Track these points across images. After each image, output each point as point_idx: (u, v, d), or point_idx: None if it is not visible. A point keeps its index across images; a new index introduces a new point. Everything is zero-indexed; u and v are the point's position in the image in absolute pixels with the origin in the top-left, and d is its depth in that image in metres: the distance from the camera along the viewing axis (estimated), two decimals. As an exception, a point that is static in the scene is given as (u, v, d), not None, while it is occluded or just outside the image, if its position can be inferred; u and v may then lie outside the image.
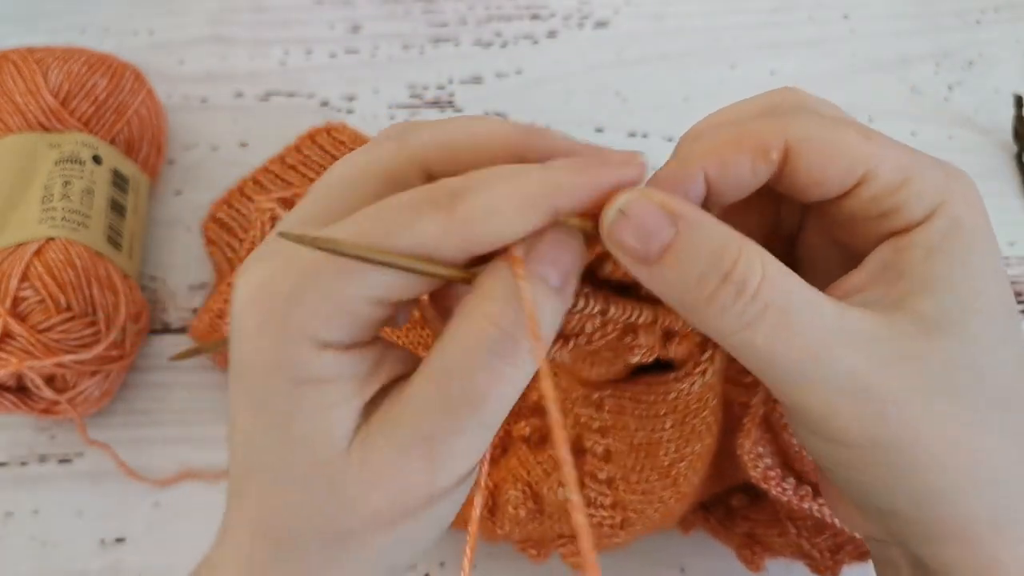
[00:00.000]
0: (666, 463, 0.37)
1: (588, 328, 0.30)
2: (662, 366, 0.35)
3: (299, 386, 0.27)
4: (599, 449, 0.38)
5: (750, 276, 0.26)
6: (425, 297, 0.30)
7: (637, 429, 0.36)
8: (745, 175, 0.28)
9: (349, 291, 0.26)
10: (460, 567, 0.48)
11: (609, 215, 0.27)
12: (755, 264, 0.26)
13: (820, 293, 0.27)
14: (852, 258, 0.30)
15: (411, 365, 0.29)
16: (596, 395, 0.37)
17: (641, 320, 0.30)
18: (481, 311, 0.26)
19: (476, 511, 0.29)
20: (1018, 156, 0.60)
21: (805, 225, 0.33)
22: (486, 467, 0.30)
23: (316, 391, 0.27)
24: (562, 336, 0.31)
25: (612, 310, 0.29)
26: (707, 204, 0.29)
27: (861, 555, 0.42)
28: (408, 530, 0.28)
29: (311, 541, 0.28)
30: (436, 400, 0.27)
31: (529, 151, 0.29)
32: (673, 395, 0.35)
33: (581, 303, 0.29)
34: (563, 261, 0.27)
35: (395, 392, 0.28)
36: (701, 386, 0.34)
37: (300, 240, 0.26)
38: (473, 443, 0.28)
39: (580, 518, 0.23)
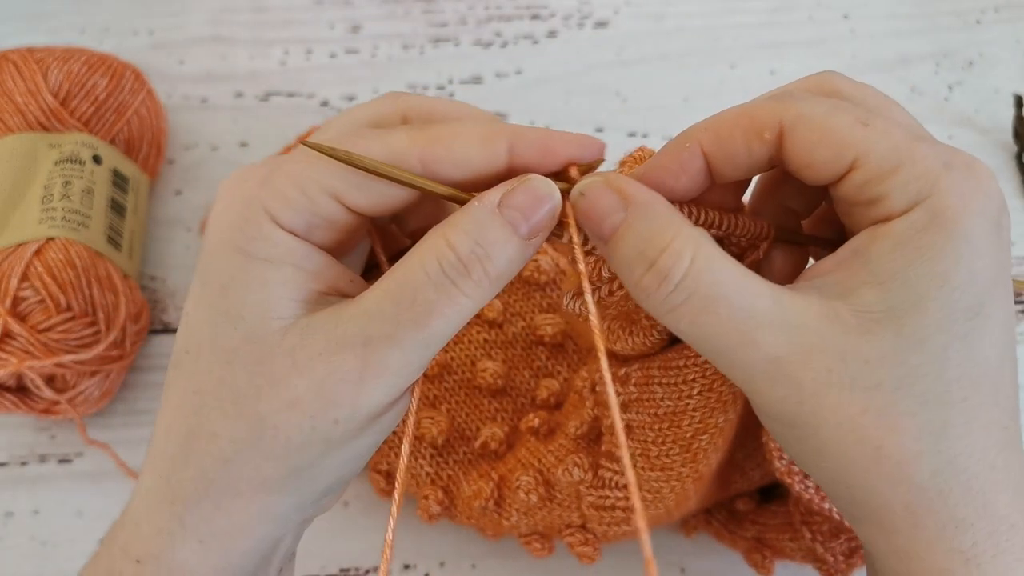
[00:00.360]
0: (689, 434, 0.37)
1: (605, 273, 0.31)
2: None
3: (246, 259, 0.28)
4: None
5: (675, 266, 0.27)
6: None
7: (663, 398, 0.37)
8: (740, 153, 0.29)
9: (308, 174, 0.29)
10: (460, 567, 0.49)
11: (573, 194, 0.30)
12: (684, 254, 0.27)
13: (760, 282, 0.28)
14: None
15: (361, 289, 0.30)
16: (623, 371, 0.37)
17: None
18: (443, 235, 0.28)
19: (405, 450, 0.30)
20: (1018, 156, 0.60)
21: None
22: (415, 400, 0.31)
23: (259, 266, 0.28)
24: (583, 290, 0.32)
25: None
26: (712, 179, 0.30)
27: None
28: (323, 439, 0.28)
29: (223, 426, 0.28)
30: (385, 307, 0.28)
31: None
32: (703, 359, 0.35)
33: (575, 246, 0.30)
34: (535, 213, 0.29)
35: (345, 302, 0.29)
36: None
37: (319, 148, 0.28)
38: (408, 360, 0.28)
39: (632, 482, 0.25)
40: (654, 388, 0.37)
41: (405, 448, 0.30)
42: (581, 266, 0.30)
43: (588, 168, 0.31)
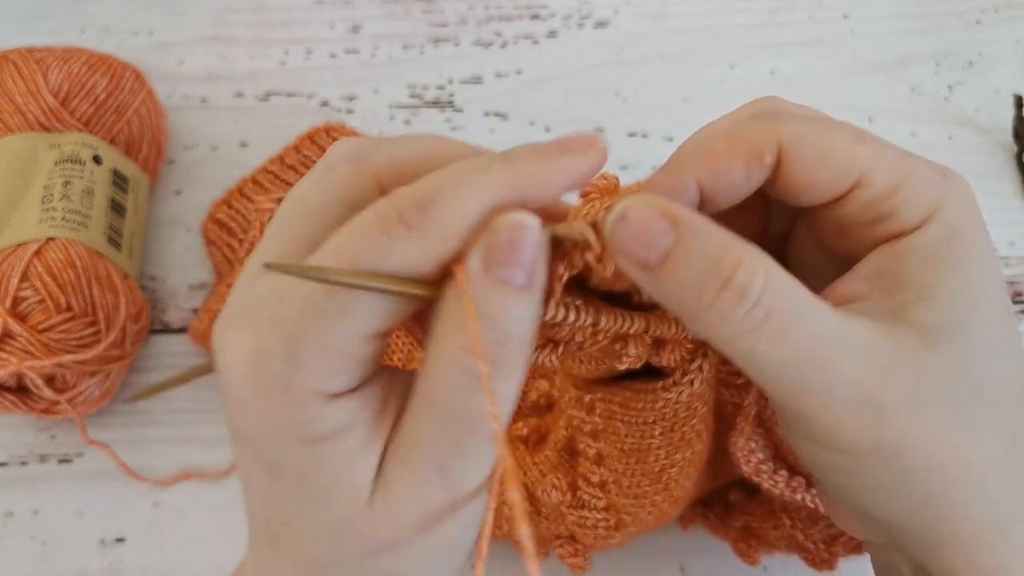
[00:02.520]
0: (656, 469, 0.37)
1: (579, 338, 0.30)
2: (652, 371, 0.35)
3: (314, 445, 0.26)
4: (591, 452, 0.38)
5: (751, 282, 0.25)
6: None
7: (627, 435, 0.36)
8: (739, 180, 0.28)
9: (342, 334, 0.25)
10: (460, 567, 0.48)
11: (610, 220, 0.26)
12: (757, 270, 0.25)
13: (822, 301, 0.27)
14: (842, 263, 0.29)
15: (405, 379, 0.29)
16: (588, 397, 0.37)
17: (632, 330, 0.30)
18: (454, 343, 0.25)
19: (489, 516, 0.29)
20: (1018, 156, 0.60)
21: (795, 229, 0.33)
22: (498, 475, 0.30)
23: (332, 446, 0.26)
24: (551, 342, 0.30)
25: (603, 321, 0.29)
26: (700, 210, 0.28)
27: (856, 547, 0.42)
28: (433, 538, 0.28)
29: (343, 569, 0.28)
30: (435, 431, 0.26)
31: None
32: (661, 404, 0.34)
33: (572, 315, 0.28)
34: (523, 255, 0.25)
35: (392, 436, 0.27)
36: (689, 396, 0.34)
37: (287, 270, 0.25)
38: (482, 457, 0.27)
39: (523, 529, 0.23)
40: (617, 424, 0.36)
41: (488, 519, 0.28)
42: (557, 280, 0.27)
43: (604, 182, 0.28)
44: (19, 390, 0.49)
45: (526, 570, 0.22)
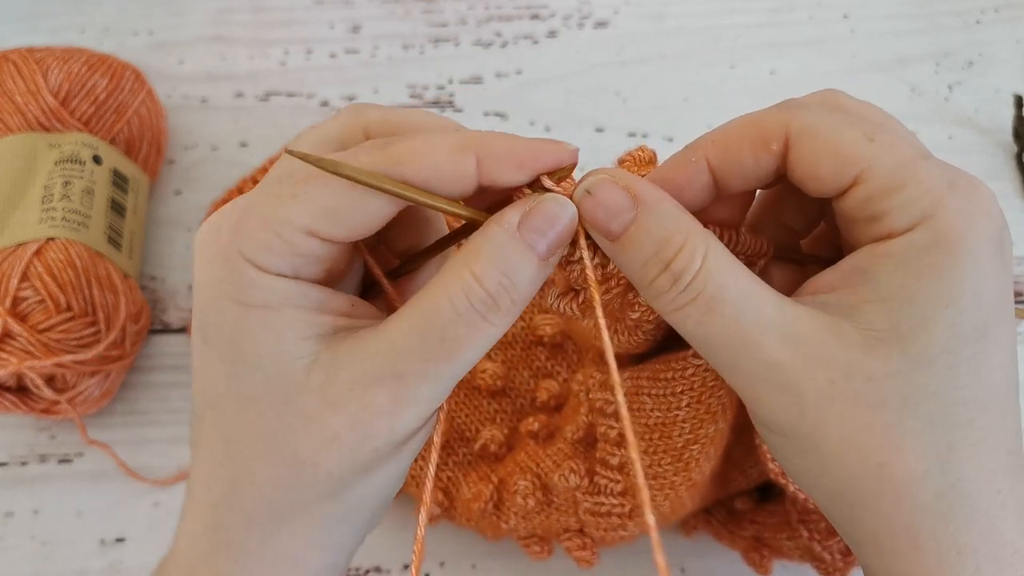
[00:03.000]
0: (679, 444, 0.37)
1: (602, 295, 0.31)
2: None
3: (244, 308, 0.28)
4: (612, 434, 0.39)
5: (688, 266, 0.27)
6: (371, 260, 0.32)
7: (653, 409, 0.37)
8: (747, 164, 0.29)
9: (279, 215, 0.28)
10: (460, 567, 0.49)
11: (578, 192, 0.29)
12: (696, 255, 0.28)
13: (765, 288, 0.28)
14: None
15: (365, 309, 0.30)
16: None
17: None
18: (468, 268, 0.28)
19: (431, 470, 0.30)
20: (1018, 156, 0.60)
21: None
22: (442, 421, 0.31)
23: (264, 313, 0.28)
24: (572, 290, 0.32)
25: (611, 264, 0.30)
26: (717, 192, 0.30)
27: None
28: (363, 467, 0.28)
29: (265, 471, 0.28)
30: (414, 342, 0.28)
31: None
32: (691, 371, 0.35)
33: (582, 254, 0.30)
34: (552, 232, 0.28)
35: (367, 331, 0.29)
36: None
37: (304, 158, 0.27)
38: (438, 390, 0.28)
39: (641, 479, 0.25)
40: (643, 399, 0.37)
41: (433, 458, 0.30)
42: (590, 272, 0.30)
43: (561, 175, 0.30)
44: (19, 390, 0.49)
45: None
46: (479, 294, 0.27)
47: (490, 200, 0.30)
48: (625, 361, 0.38)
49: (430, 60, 0.64)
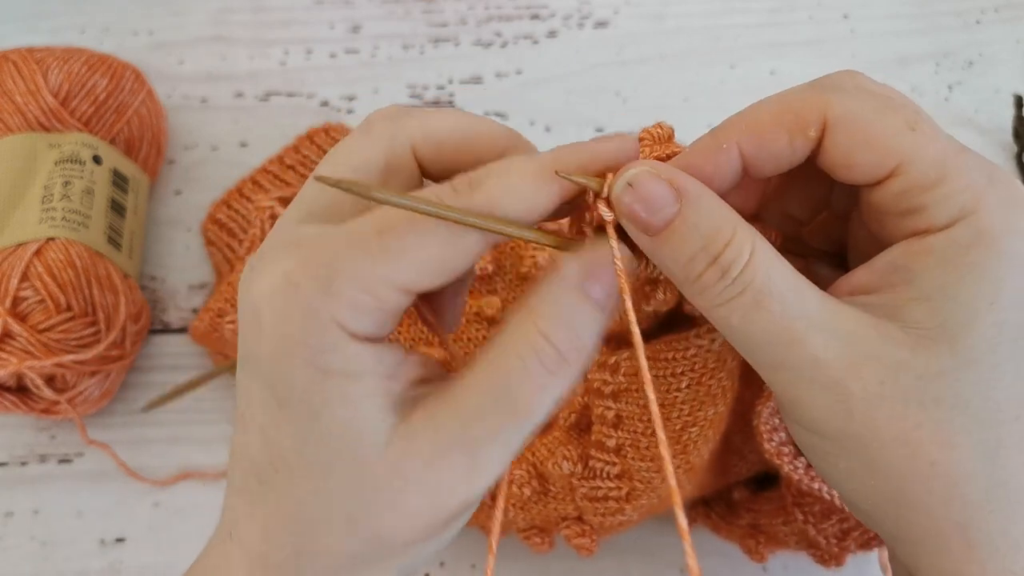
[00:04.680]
0: (678, 427, 0.37)
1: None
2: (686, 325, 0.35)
3: (324, 376, 0.26)
4: (609, 415, 0.38)
5: (736, 259, 0.27)
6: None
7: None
8: (782, 150, 0.28)
9: (377, 274, 0.26)
10: (460, 567, 0.49)
11: (618, 185, 0.28)
12: (744, 248, 0.27)
13: (810, 285, 0.27)
14: (882, 248, 0.29)
15: (430, 368, 0.29)
16: (613, 359, 0.37)
17: (663, 276, 0.31)
18: (536, 326, 0.27)
19: (498, 515, 0.29)
20: (1018, 156, 0.60)
21: (856, 206, 0.32)
22: (507, 476, 0.30)
23: (347, 383, 0.26)
24: None
25: (638, 265, 0.30)
26: (745, 177, 0.29)
27: (867, 542, 0.41)
28: (437, 534, 0.28)
29: (338, 545, 0.27)
30: (486, 407, 0.27)
31: (515, 151, 0.29)
32: (692, 352, 0.35)
33: (613, 248, 0.29)
34: (609, 281, 0.27)
35: (436, 394, 0.27)
36: (721, 344, 0.34)
37: (338, 185, 0.25)
38: (510, 450, 0.28)
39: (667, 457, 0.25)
40: (642, 379, 0.36)
41: (500, 504, 0.29)
42: (619, 265, 0.28)
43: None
44: (19, 390, 0.49)
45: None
46: (551, 355, 0.26)
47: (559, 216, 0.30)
48: (624, 341, 0.38)
49: (430, 60, 0.64)
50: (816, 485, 0.38)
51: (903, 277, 0.27)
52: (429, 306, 0.31)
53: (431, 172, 0.30)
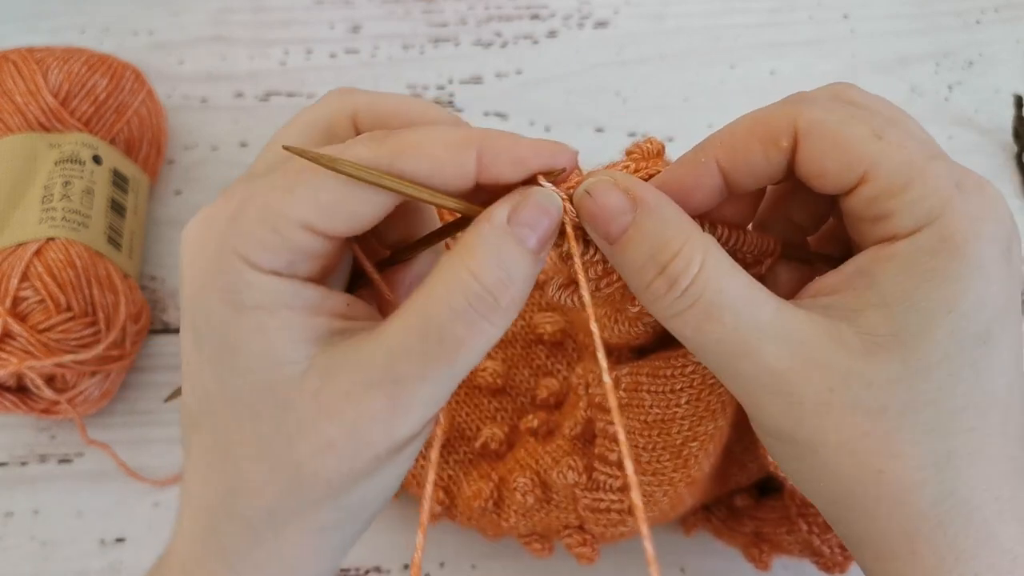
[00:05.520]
0: (678, 442, 0.37)
1: (592, 274, 0.31)
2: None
3: (239, 311, 0.27)
4: (611, 429, 0.39)
5: (685, 271, 0.27)
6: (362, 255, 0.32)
7: (652, 405, 0.36)
8: (758, 163, 0.29)
9: (277, 209, 0.27)
10: (460, 568, 0.48)
11: (577, 194, 0.29)
12: (694, 260, 0.27)
13: (764, 293, 0.28)
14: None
15: (361, 309, 0.30)
16: (613, 374, 0.37)
17: None
18: (465, 266, 0.27)
19: (431, 476, 0.29)
20: (1018, 156, 0.60)
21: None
22: (443, 424, 0.30)
23: (257, 315, 0.27)
24: (572, 282, 0.32)
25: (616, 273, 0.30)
26: (729, 193, 0.30)
27: None
28: (362, 474, 0.28)
29: (263, 479, 0.28)
30: (412, 344, 0.27)
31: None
32: (691, 368, 0.35)
33: (586, 250, 0.30)
34: (543, 226, 0.28)
35: (363, 334, 0.28)
36: None
37: (302, 154, 0.27)
38: (437, 393, 0.28)
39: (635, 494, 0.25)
40: (643, 395, 0.36)
41: (433, 460, 0.29)
42: (581, 276, 0.29)
43: (556, 176, 0.29)
44: (19, 390, 0.49)
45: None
46: (477, 291, 0.27)
47: (485, 197, 0.30)
48: (626, 353, 0.38)
49: (430, 60, 0.64)
50: None
51: (865, 282, 0.27)
52: (364, 248, 0.32)
53: None
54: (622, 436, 0.26)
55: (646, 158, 0.32)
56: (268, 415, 0.27)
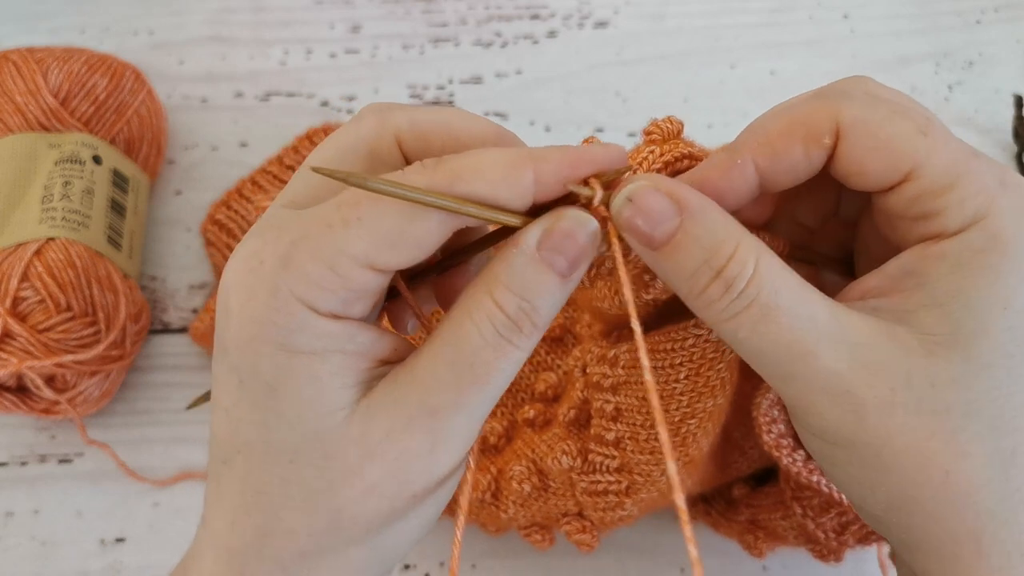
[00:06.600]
0: (677, 419, 0.36)
1: (608, 264, 0.31)
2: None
3: (290, 355, 0.26)
4: (608, 408, 0.38)
5: (741, 273, 0.26)
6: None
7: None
8: (798, 161, 0.28)
9: (335, 246, 0.26)
10: (460, 567, 0.48)
11: (617, 201, 0.27)
12: (748, 261, 0.27)
13: (818, 294, 0.27)
14: (894, 253, 0.29)
15: (404, 347, 0.29)
16: (612, 352, 0.37)
17: None
18: (489, 294, 0.27)
19: (464, 500, 0.29)
20: (1018, 156, 0.60)
21: (866, 212, 0.32)
22: (475, 456, 0.30)
23: (309, 361, 0.26)
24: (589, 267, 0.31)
25: (634, 253, 0.30)
26: (762, 191, 0.29)
27: (865, 536, 0.41)
28: (401, 514, 0.28)
29: (299, 523, 0.27)
30: (444, 374, 0.27)
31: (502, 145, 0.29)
32: (691, 342, 0.34)
33: (605, 246, 0.29)
34: (573, 250, 0.27)
35: (397, 370, 0.28)
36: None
37: (331, 175, 0.25)
38: (473, 420, 0.28)
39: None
40: (641, 371, 0.36)
41: (467, 483, 0.29)
42: (624, 280, 0.28)
43: (610, 177, 0.28)
44: (19, 390, 0.49)
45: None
46: (502, 320, 0.26)
47: (542, 210, 0.29)
48: (625, 333, 0.38)
49: (430, 60, 0.64)
50: (815, 478, 0.38)
51: (915, 282, 0.27)
52: (419, 291, 0.31)
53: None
54: (655, 400, 0.26)
55: (666, 138, 0.31)
56: (311, 463, 0.27)
